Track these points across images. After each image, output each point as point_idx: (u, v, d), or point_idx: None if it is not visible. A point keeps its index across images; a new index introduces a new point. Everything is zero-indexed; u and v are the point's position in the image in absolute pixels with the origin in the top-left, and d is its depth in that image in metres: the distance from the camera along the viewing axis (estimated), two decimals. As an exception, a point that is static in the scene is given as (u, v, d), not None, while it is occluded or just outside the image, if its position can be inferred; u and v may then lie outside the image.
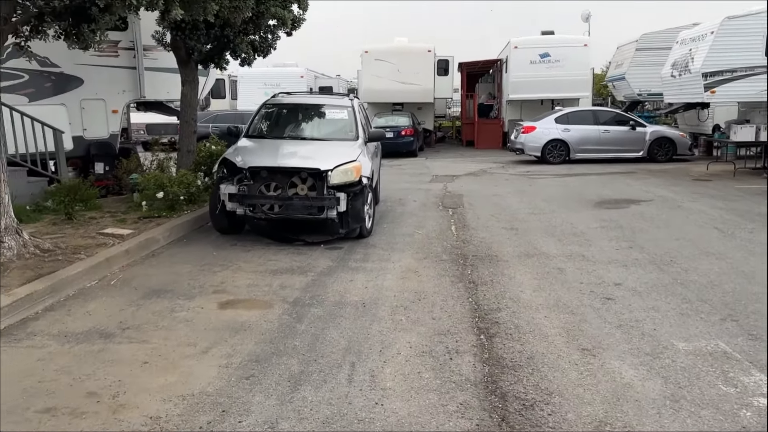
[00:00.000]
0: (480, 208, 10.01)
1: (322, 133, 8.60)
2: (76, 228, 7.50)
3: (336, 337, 4.46)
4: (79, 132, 10.55)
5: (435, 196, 11.60)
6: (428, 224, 8.74)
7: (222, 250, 7.13)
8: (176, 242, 7.52)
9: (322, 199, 7.19)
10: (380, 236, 7.90)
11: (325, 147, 8.04)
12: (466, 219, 9.12)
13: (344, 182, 7.26)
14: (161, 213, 8.28)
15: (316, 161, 7.36)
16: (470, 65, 26.21)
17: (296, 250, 7.12)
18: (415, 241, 7.61)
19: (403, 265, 6.46)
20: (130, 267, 6.36)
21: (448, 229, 8.36)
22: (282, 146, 7.89)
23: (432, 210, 10.00)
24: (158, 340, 4.40)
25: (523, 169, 15.94)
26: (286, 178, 7.30)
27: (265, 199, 7.22)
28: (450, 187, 12.86)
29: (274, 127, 8.79)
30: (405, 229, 8.40)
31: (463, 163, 17.99)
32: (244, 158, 7.44)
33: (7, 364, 3.95)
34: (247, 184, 7.27)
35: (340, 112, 8.76)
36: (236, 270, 6.28)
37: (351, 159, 7.46)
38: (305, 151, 7.86)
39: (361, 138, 8.36)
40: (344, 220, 7.39)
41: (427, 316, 4.89)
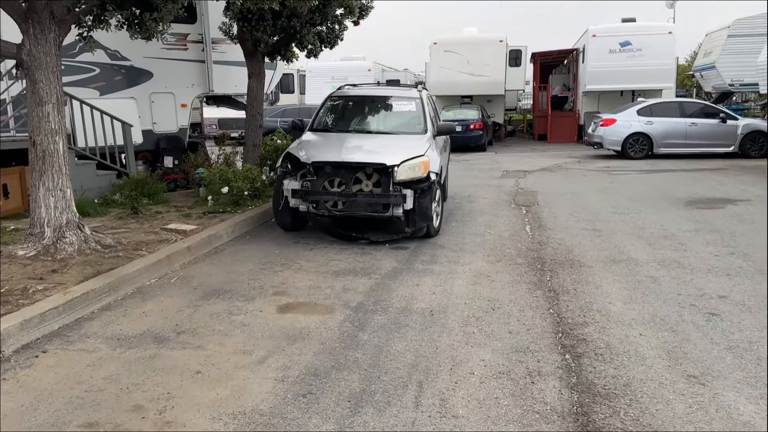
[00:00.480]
0: (556, 207, 9.35)
1: (388, 126, 8.19)
2: (140, 223, 7.41)
3: (401, 350, 4.05)
4: (148, 126, 10.60)
5: (506, 192, 10.99)
6: (500, 223, 8.19)
7: (284, 247, 6.86)
8: (239, 239, 7.31)
9: (387, 196, 6.78)
10: (449, 236, 7.42)
11: (392, 141, 7.63)
12: (541, 218, 8.50)
13: (411, 178, 6.83)
14: (226, 208, 8.11)
15: (381, 156, 6.96)
16: (544, 55, 25.17)
17: (360, 250, 6.76)
18: (486, 242, 7.09)
19: (474, 269, 5.97)
20: (191, 265, 6.16)
21: (523, 230, 7.79)
22: (347, 140, 7.54)
23: (504, 208, 9.43)
24: (213, 346, 4.12)
25: (601, 165, 15.02)
26: (351, 174, 6.95)
27: (328, 196, 6.89)
28: (522, 183, 12.20)
29: (339, 120, 8.45)
30: (475, 228, 7.89)
31: (536, 158, 17.19)
32: (307, 153, 7.13)
33: (57, 369, 3.76)
34: (310, 180, 6.96)
35: (408, 104, 8.31)
36: (297, 270, 5.97)
37: (419, 154, 7.02)
38: (371, 145, 7.48)
39: (429, 131, 7.89)
40: (410, 218, 6.96)
41: (503, 329, 4.40)
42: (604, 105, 21.21)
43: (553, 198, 10.19)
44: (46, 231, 5.56)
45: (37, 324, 4.20)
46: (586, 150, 18.72)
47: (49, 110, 5.44)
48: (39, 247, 5.49)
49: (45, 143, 5.47)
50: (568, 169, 14.52)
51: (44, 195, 5.54)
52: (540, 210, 9.14)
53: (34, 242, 5.53)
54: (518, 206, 9.58)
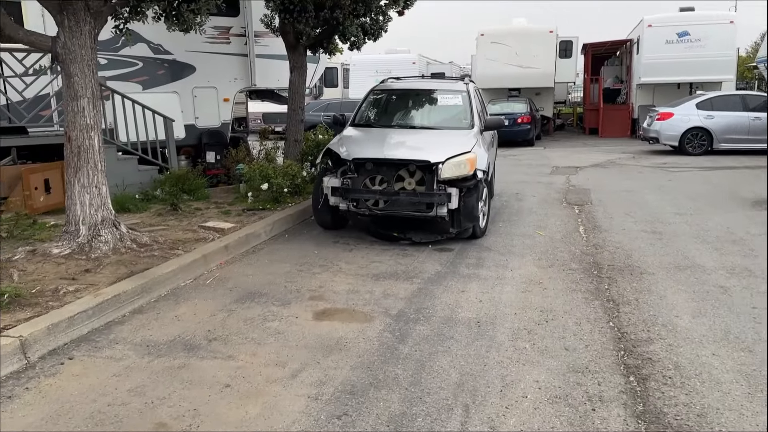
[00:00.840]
0: (611, 206, 8.82)
1: (433, 120, 7.81)
2: (179, 220, 7.28)
3: (445, 366, 3.72)
4: (191, 120, 10.51)
5: (557, 190, 10.48)
6: (551, 224, 7.74)
7: (323, 247, 6.59)
8: (278, 237, 7.09)
9: (431, 195, 6.44)
10: (495, 237, 7.03)
11: (437, 136, 7.27)
12: (596, 218, 8.01)
13: (457, 176, 6.46)
14: (265, 205, 7.91)
15: (425, 152, 6.61)
16: (596, 46, 24.25)
17: (402, 251, 6.44)
18: (536, 245, 6.67)
19: (524, 275, 5.57)
20: (228, 265, 5.96)
21: (576, 231, 7.32)
22: (389, 135, 7.21)
23: (554, 207, 8.95)
24: (245, 356, 3.88)
25: (657, 161, 14.28)
26: (393, 171, 6.62)
27: (369, 194, 6.59)
28: (573, 180, 11.64)
29: (382, 114, 8.12)
30: (524, 229, 7.47)
31: (587, 153, 16.51)
32: (348, 149, 6.84)
33: (82, 379, 3.57)
34: (350, 177, 6.67)
35: (454, 98, 7.92)
36: (336, 272, 5.69)
37: (465, 150, 6.64)
38: (414, 141, 7.13)
39: (476, 126, 7.49)
40: (455, 218, 6.61)
41: (558, 345, 4.01)
42: (659, 98, 20.27)
43: (608, 196, 9.65)
44: (81, 229, 5.43)
45: (66, 328, 4.04)
46: (640, 145, 17.92)
47: (84, 105, 5.30)
48: (74, 246, 5.37)
49: (80, 139, 5.34)
50: (622, 165, 13.85)
51: (79, 192, 5.41)
52: (594, 209, 8.63)
53: (69, 240, 5.41)
54: (570, 205, 9.09)
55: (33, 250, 5.37)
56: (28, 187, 7.46)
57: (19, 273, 4.92)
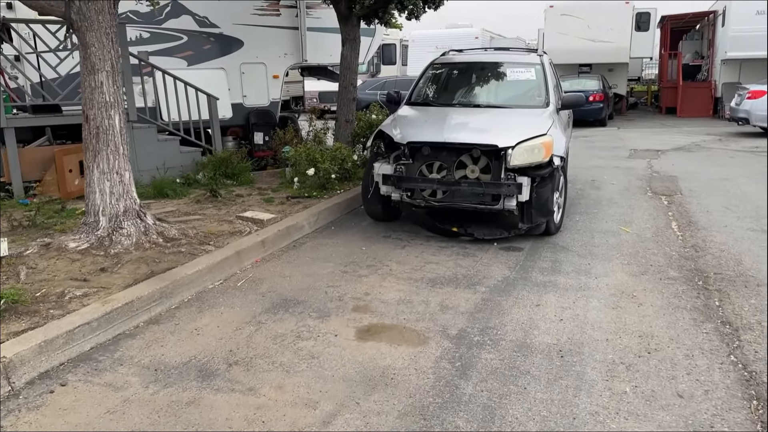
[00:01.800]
0: (706, 197, 7.65)
1: (501, 98, 6.83)
2: (218, 208, 6.64)
3: (521, 416, 2.87)
4: (238, 99, 9.87)
5: (638, 177, 9.32)
6: (637, 218, 6.69)
7: (372, 243, 5.81)
8: (323, 230, 6.35)
9: (498, 186, 5.53)
10: (572, 234, 6.07)
11: (506, 116, 6.32)
12: (689, 212, 6.90)
13: (529, 163, 5.52)
14: (311, 192, 7.18)
15: (492, 135, 5.69)
16: (675, 19, 22.33)
17: (462, 249, 5.58)
18: (622, 245, 5.68)
19: (613, 284, 4.62)
20: (264, 263, 5.26)
21: (668, 228, 6.26)
22: (450, 116, 6.31)
23: (638, 197, 7.85)
24: (269, 389, 3.14)
25: (748, 144, 12.76)
26: (453, 157, 5.74)
27: (425, 183, 5.73)
28: (656, 165, 10.41)
29: (442, 91, 7.20)
30: (605, 224, 6.46)
31: (667, 135, 15.04)
32: (402, 131, 5.99)
33: (69, 415, 2.92)
34: (405, 164, 5.83)
35: (526, 72, 6.91)
36: (386, 275, 4.90)
37: (539, 132, 5.68)
38: (479, 122, 6.20)
39: (552, 104, 6.49)
40: (526, 212, 5.68)
41: (668, 390, 3.09)
42: (746, 75, 18.40)
43: (699, 186, 8.44)
44: (101, 220, 4.83)
45: (62, 345, 3.41)
46: (725, 126, 16.29)
47: (102, 79, 4.66)
48: (92, 239, 4.77)
49: (98, 118, 4.71)
50: (709, 149, 12.42)
51: (99, 179, 4.80)
52: (685, 201, 7.49)
53: (87, 233, 4.82)
54: (656, 195, 7.97)
55: (48, 243, 4.80)
56: (62, 169, 6.98)
57: (27, 271, 4.36)
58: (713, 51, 20.72)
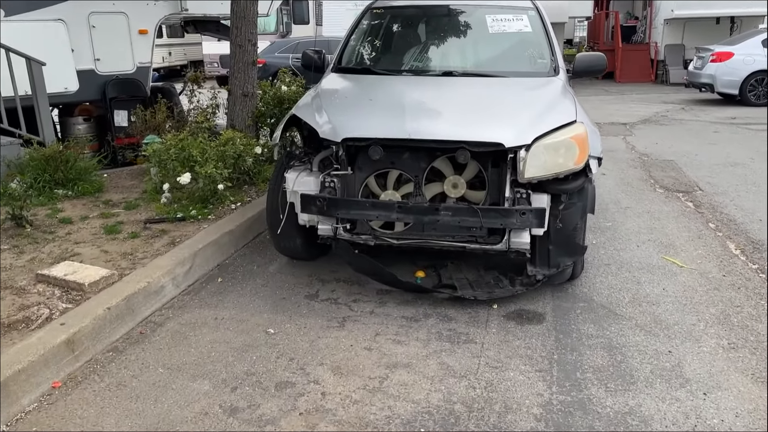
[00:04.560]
0: (735, 194, 5.69)
1: (485, 62, 4.41)
2: (18, 250, 3.92)
3: None
4: (88, 64, 6.97)
5: (628, 162, 7.30)
6: (673, 236, 4.60)
7: (287, 315, 3.35)
8: (201, 287, 3.81)
9: (504, 214, 3.18)
10: (603, 274, 3.88)
11: (500, 92, 3.95)
12: (736, 223, 4.88)
13: (555, 173, 3.22)
14: (188, 211, 4.57)
15: (489, 125, 3.33)
16: (609, -25, 20.73)
17: (443, 320, 3.25)
18: (693, 296, 3.53)
19: (746, 410, 2.44)
20: (68, 392, 2.70)
21: (730, 255, 4.19)
22: (412, 91, 3.89)
23: (648, 195, 5.80)
24: None
25: (721, 114, 11.13)
26: (423, 163, 3.36)
27: (376, 211, 3.30)
28: (636, 144, 8.46)
29: (390, 51, 4.72)
30: (637, 249, 4.32)
31: (621, 104, 13.28)
32: (333, 118, 3.47)
33: None
34: (339, 174, 3.38)
35: (516, 20, 4.51)
36: (314, 411, 2.48)
37: (566, 119, 3.36)
38: (461, 102, 3.78)
39: (562, 71, 4.21)
40: (542, 250, 3.40)
41: None
42: (690, 36, 17.07)
43: (711, 175, 6.51)
44: None
45: None
46: (675, 92, 14.82)
47: None
48: None
49: None
50: (679, 120, 10.67)
51: None
52: (715, 202, 5.49)
53: None
54: (669, 192, 5.94)
55: None
56: None
57: None
58: (651, 10, 19.25)
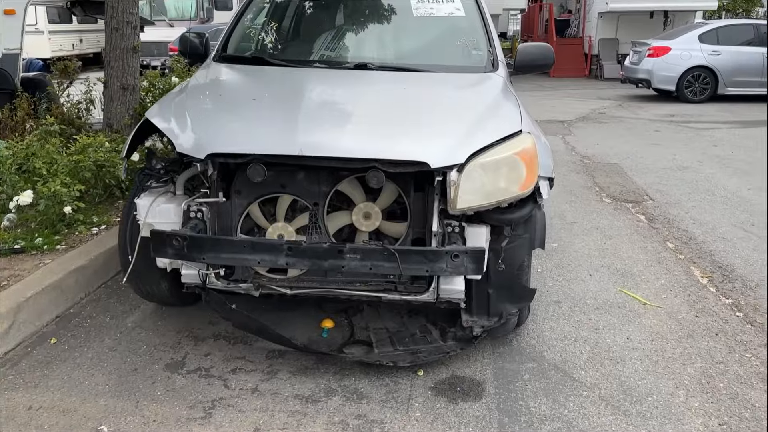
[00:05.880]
0: (690, 204, 5.12)
1: (409, 52, 3.57)
2: None
3: None
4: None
5: (570, 165, 6.68)
6: (630, 261, 3.93)
7: (132, 398, 2.40)
8: (20, 355, 2.81)
9: (432, 256, 2.34)
10: (553, 317, 3.13)
11: (426, 91, 3.09)
12: (696, 241, 4.26)
13: (496, 202, 2.41)
14: (31, 241, 3.52)
15: (411, 137, 2.50)
16: (543, -33, 20.41)
17: (351, 396, 2.40)
18: (656, 336, 2.83)
19: None
20: None
21: (698, 286, 3.53)
22: (311, 90, 3.00)
23: (596, 207, 5.14)
24: None
25: (660, 111, 10.77)
26: (325, 185, 2.50)
27: (260, 254, 2.40)
28: (576, 145, 7.88)
29: (286, 36, 3.79)
30: (590, 280, 3.61)
31: (557, 100, 12.82)
32: (197, 126, 2.53)
33: None
34: (208, 202, 2.46)
35: (447, 2, 3.69)
36: None
37: (509, 130, 2.56)
38: (376, 105, 2.91)
39: (502, 66, 3.43)
40: (482, 296, 2.60)
41: None
42: (624, 30, 16.91)
43: (660, 181, 5.95)
44: None
45: None
46: (611, 87, 14.55)
47: None
48: None
49: None
50: (618, 118, 10.22)
51: None
52: (669, 215, 4.88)
53: None
54: (616, 201, 5.32)
55: None
56: None
57: None
58: (585, 4, 19.03)
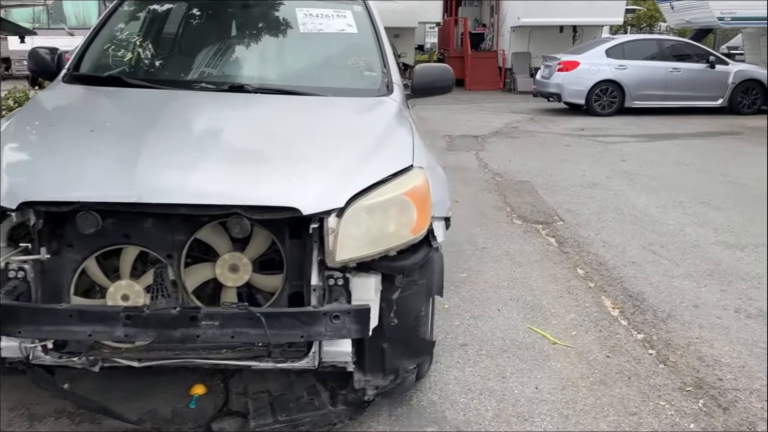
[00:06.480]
0: (599, 225, 5.01)
1: (290, 72, 3.18)
2: None
3: None
4: None
5: (482, 184, 6.51)
6: (539, 291, 3.72)
7: None
8: None
9: (305, 320, 1.95)
10: (459, 365, 2.83)
11: (305, 119, 2.71)
12: (606, 266, 4.11)
13: (384, 251, 2.06)
14: None
15: (278, 178, 2.13)
16: (457, -19, 20.65)
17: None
18: (566, 384, 2.58)
19: None
20: None
21: (610, 320, 3.34)
22: (161, 116, 2.56)
23: (507, 230, 4.95)
24: None
25: (570, 125, 10.91)
26: (180, 233, 2.08)
27: (92, 325, 1.94)
28: (489, 162, 7.75)
29: (154, 52, 3.31)
30: (499, 316, 3.36)
31: (472, 113, 12.83)
32: (11, 167, 2.05)
33: None
34: (29, 259, 1.99)
35: (337, 17, 3.31)
36: None
37: (399, 166, 2.22)
38: (239, 137, 2.48)
39: (398, 88, 3.10)
40: (376, 352, 2.22)
41: None
42: (536, 44, 17.25)
43: (570, 200, 5.85)
44: None
45: None
46: (524, 101, 14.75)
47: None
48: None
49: None
50: (531, 133, 10.26)
51: None
52: (579, 237, 4.74)
53: None
54: (526, 222, 5.15)
55: None
56: None
57: None
58: (499, 18, 19.35)
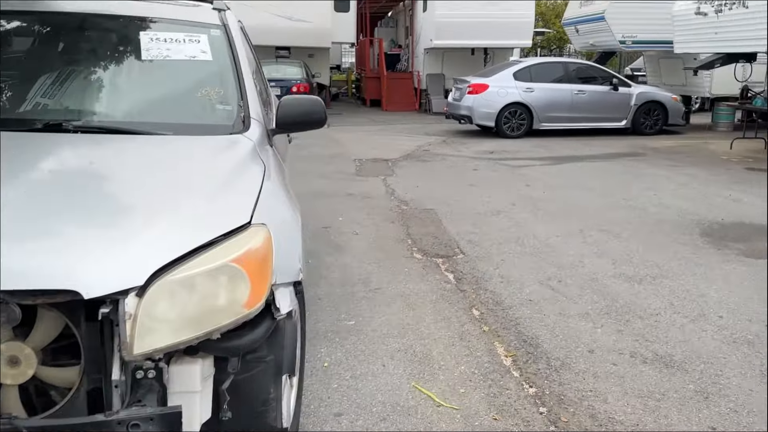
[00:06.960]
0: (500, 259, 4.82)
1: (125, 106, 2.74)
2: None
3: None
4: None
5: (385, 213, 6.23)
6: (429, 332, 3.44)
7: None
8: None
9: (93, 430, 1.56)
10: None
11: (121, 167, 2.24)
12: (503, 305, 3.89)
13: (201, 335, 1.68)
14: None
15: (56, 246, 1.69)
16: (372, 2, 20.62)
17: None
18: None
19: None
20: None
21: (495, 361, 3.08)
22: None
23: (405, 267, 4.66)
24: None
25: (480, 148, 10.89)
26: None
27: None
28: (397, 188, 7.51)
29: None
30: (382, 372, 3.04)
31: (386, 135, 12.66)
32: None
33: None
34: None
35: (190, 42, 2.91)
36: None
37: (232, 225, 1.85)
38: (24, 194, 1.95)
39: (257, 122, 2.71)
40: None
41: None
42: (449, 66, 17.43)
43: (472, 227, 5.66)
44: None
45: None
46: (438, 123, 14.75)
47: None
48: None
49: None
50: (442, 156, 10.14)
51: None
52: (477, 273, 4.51)
53: None
54: (426, 256, 4.90)
55: None
56: None
57: None
58: (413, 39, 19.43)
